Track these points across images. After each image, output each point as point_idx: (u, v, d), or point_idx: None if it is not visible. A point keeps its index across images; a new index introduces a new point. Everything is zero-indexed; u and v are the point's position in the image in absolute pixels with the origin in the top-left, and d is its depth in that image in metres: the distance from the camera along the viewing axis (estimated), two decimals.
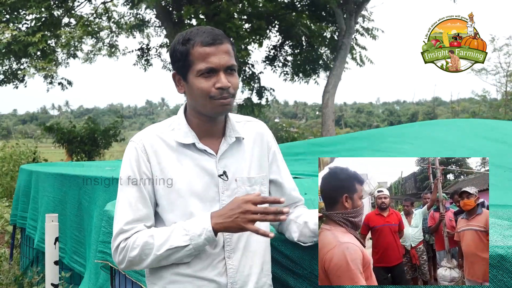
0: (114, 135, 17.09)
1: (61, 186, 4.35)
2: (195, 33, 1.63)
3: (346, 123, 79.33)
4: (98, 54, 17.58)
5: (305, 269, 1.82)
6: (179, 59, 1.64)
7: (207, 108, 1.63)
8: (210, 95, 1.60)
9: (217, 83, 1.60)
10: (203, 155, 1.68)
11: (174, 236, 1.58)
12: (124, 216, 1.63)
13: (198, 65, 1.60)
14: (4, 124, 69.71)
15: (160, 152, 1.66)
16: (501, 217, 2.13)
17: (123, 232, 1.62)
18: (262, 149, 1.80)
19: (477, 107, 19.77)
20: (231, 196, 1.68)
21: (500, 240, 1.59)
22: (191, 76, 1.62)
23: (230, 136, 1.72)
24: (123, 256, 1.62)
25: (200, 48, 1.60)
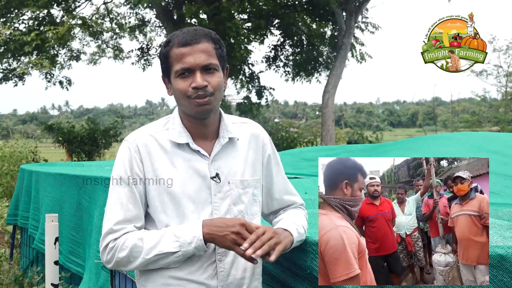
0: (114, 135, 17.09)
1: (60, 186, 4.35)
2: (176, 35, 1.64)
3: (346, 123, 79.36)
4: (103, 56, 17.62)
5: (305, 269, 1.82)
6: (163, 61, 1.66)
7: (188, 108, 1.63)
8: (187, 95, 1.60)
9: (193, 82, 1.60)
10: (196, 156, 1.67)
11: (164, 241, 1.57)
12: (114, 215, 1.62)
13: (175, 66, 1.61)
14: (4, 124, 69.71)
15: (154, 152, 1.65)
16: (501, 217, 2.13)
17: (112, 232, 1.61)
18: (257, 151, 1.78)
19: (477, 107, 19.78)
20: (224, 199, 1.67)
21: (500, 240, 1.59)
22: (172, 77, 1.63)
23: (223, 137, 1.71)
24: (111, 256, 1.61)
25: (177, 49, 1.61)
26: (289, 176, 4.38)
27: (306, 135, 19.68)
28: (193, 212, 1.64)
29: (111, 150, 18.03)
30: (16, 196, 5.74)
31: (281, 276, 1.90)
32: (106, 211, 1.66)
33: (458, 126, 18.69)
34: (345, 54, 14.73)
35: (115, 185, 1.65)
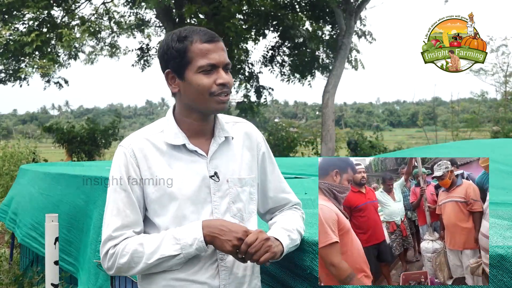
0: (113, 135, 17.09)
1: (57, 185, 4.35)
2: (191, 31, 1.63)
3: (346, 123, 79.38)
4: (100, 55, 17.61)
5: (305, 269, 1.82)
6: (176, 56, 1.62)
7: (206, 105, 1.62)
8: (210, 91, 1.60)
9: (218, 79, 1.60)
10: (193, 156, 1.66)
11: (165, 245, 1.57)
12: (112, 222, 1.61)
13: (199, 61, 1.59)
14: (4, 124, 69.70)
15: (150, 156, 1.64)
16: (501, 217, 2.13)
17: (111, 239, 1.60)
18: (251, 150, 1.78)
19: (477, 107, 19.78)
20: (223, 197, 1.67)
21: (500, 240, 1.59)
22: (190, 73, 1.61)
23: (220, 136, 1.71)
24: (112, 262, 1.61)
25: (200, 44, 1.60)
26: (289, 176, 4.39)
27: (306, 135, 19.67)
28: (193, 212, 1.63)
29: (111, 150, 18.03)
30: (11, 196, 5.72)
31: (281, 276, 1.90)
32: (104, 217, 1.65)
33: (458, 126, 18.69)
34: (345, 54, 14.73)
35: (112, 191, 1.64)
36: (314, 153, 17.59)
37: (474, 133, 18.00)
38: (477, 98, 19.76)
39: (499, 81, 18.75)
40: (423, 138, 22.97)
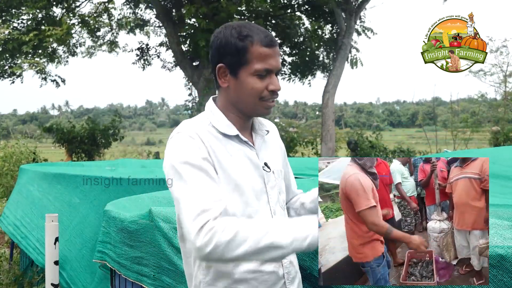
0: (113, 134, 17.09)
1: (56, 184, 4.35)
2: (252, 30, 1.60)
3: (346, 123, 79.38)
4: (99, 50, 17.61)
5: (305, 269, 1.82)
6: (234, 53, 1.59)
7: (253, 107, 1.64)
8: (261, 96, 1.61)
9: (271, 85, 1.61)
10: (246, 147, 1.68)
11: (277, 232, 1.43)
12: (199, 197, 1.47)
13: (257, 64, 1.59)
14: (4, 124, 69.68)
15: (212, 143, 1.61)
16: (501, 217, 2.13)
17: (207, 210, 1.44)
18: (279, 145, 1.87)
19: (476, 107, 19.78)
20: (273, 188, 1.70)
21: (500, 240, 1.59)
22: (245, 73, 1.60)
23: (260, 130, 1.75)
24: (209, 238, 1.40)
25: (261, 48, 1.59)
26: None
27: (306, 135, 19.66)
28: (253, 200, 1.64)
29: (111, 150, 18.02)
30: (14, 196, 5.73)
31: None
32: (185, 199, 1.48)
33: (458, 126, 18.69)
34: (345, 54, 14.73)
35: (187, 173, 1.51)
36: (314, 153, 17.59)
37: (474, 133, 17.99)
38: (477, 98, 19.76)
39: (498, 82, 18.75)
40: (423, 138, 22.97)
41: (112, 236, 2.69)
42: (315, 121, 45.76)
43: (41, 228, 3.83)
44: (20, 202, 5.36)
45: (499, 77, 18.76)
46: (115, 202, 2.93)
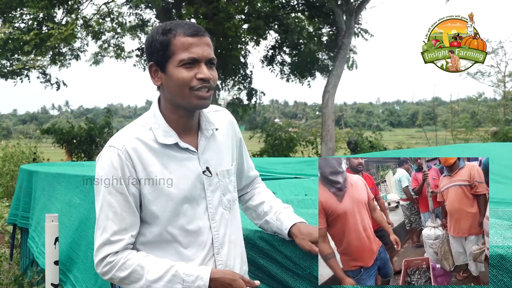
0: (109, 134, 17.10)
1: (57, 185, 4.35)
2: (176, 24, 1.61)
3: (346, 123, 79.33)
4: (105, 56, 17.62)
5: (305, 269, 1.82)
6: (158, 49, 1.59)
7: (186, 100, 1.60)
8: (190, 86, 1.57)
9: (199, 73, 1.57)
10: (185, 154, 1.65)
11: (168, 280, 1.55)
12: (109, 226, 1.57)
13: (180, 55, 1.57)
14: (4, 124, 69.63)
15: (144, 156, 1.61)
16: (501, 217, 2.13)
17: (110, 244, 1.57)
18: (232, 138, 1.82)
19: (476, 107, 19.78)
20: (215, 191, 1.69)
21: (500, 240, 1.59)
22: (171, 66, 1.58)
23: (207, 129, 1.71)
24: (108, 270, 1.58)
25: (183, 38, 1.57)
26: (289, 176, 4.39)
27: (306, 135, 19.64)
28: (188, 209, 1.64)
29: None
30: (17, 196, 5.74)
31: (281, 276, 1.90)
32: (98, 220, 1.61)
33: (458, 126, 18.68)
34: (345, 54, 14.72)
35: (106, 194, 1.59)
36: (314, 153, 17.58)
37: (473, 134, 17.99)
38: (477, 98, 19.75)
39: (496, 83, 18.75)
40: (423, 138, 22.96)
41: None
42: (315, 121, 45.75)
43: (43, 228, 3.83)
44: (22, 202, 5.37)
45: (497, 78, 18.76)
46: None
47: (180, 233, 1.63)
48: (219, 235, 1.68)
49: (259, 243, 1.96)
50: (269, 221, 1.87)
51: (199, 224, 1.65)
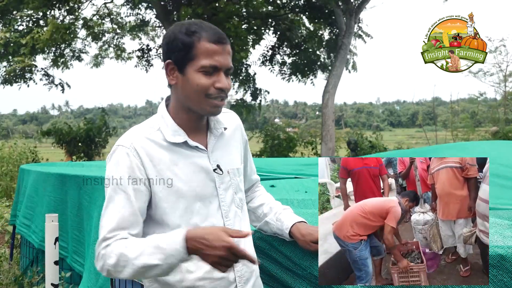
0: (107, 134, 17.10)
1: (62, 186, 4.35)
2: (201, 27, 1.58)
3: (346, 123, 79.32)
4: (106, 57, 17.61)
5: (305, 269, 1.82)
6: (181, 49, 1.57)
7: (200, 105, 1.59)
8: (207, 93, 1.57)
9: (217, 82, 1.56)
10: (195, 152, 1.65)
11: (147, 252, 1.50)
12: (108, 223, 1.57)
13: (203, 60, 1.55)
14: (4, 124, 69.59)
15: (154, 154, 1.60)
16: (501, 217, 2.13)
17: (105, 240, 1.56)
18: (239, 140, 1.82)
19: (476, 106, 19.78)
20: (227, 189, 1.69)
21: (500, 240, 1.59)
22: (191, 69, 1.57)
23: (216, 129, 1.71)
24: (102, 263, 1.55)
25: (207, 43, 1.55)
26: (289, 176, 4.39)
27: (305, 135, 19.65)
28: (201, 208, 1.63)
29: (108, 149, 18.01)
30: (17, 197, 5.74)
31: (281, 276, 1.90)
32: (101, 218, 1.60)
33: (458, 126, 18.68)
34: (345, 54, 14.72)
35: (112, 192, 1.58)
36: (314, 153, 17.59)
37: (473, 134, 17.98)
38: (477, 98, 19.74)
39: (498, 82, 18.74)
40: (423, 138, 22.97)
41: None
42: (315, 121, 45.75)
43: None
44: (23, 202, 5.37)
45: (499, 77, 18.76)
46: None
47: None
48: None
49: (259, 243, 1.96)
50: (269, 222, 1.87)
51: (213, 222, 1.64)
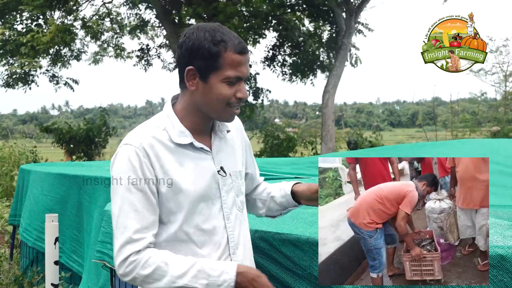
0: (107, 134, 17.10)
1: (61, 186, 4.35)
2: (225, 35, 1.58)
3: (346, 123, 79.30)
4: (105, 56, 17.61)
5: (304, 269, 1.82)
6: (206, 57, 1.56)
7: (219, 113, 1.62)
8: (228, 102, 1.59)
9: (239, 92, 1.59)
10: (200, 153, 1.66)
11: (193, 274, 1.51)
12: (131, 224, 1.55)
13: (228, 71, 1.56)
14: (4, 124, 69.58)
15: (161, 154, 1.61)
16: (501, 217, 2.13)
17: (132, 242, 1.54)
18: (241, 143, 1.84)
19: (476, 106, 19.77)
20: (229, 192, 1.70)
21: (500, 240, 1.59)
22: (215, 79, 1.57)
23: (220, 131, 1.73)
24: (131, 269, 1.54)
25: (233, 54, 1.56)
26: (289, 176, 4.38)
27: (305, 135, 19.64)
28: (203, 208, 1.64)
29: (110, 150, 17.99)
30: (17, 197, 5.74)
31: (281, 276, 1.90)
32: (118, 219, 1.58)
33: (458, 126, 18.68)
34: (345, 54, 14.72)
35: (126, 192, 1.57)
36: (314, 153, 17.59)
37: (473, 134, 17.98)
38: (477, 98, 19.73)
39: (498, 81, 18.74)
40: (423, 138, 22.96)
41: (112, 236, 2.69)
42: (315, 121, 45.75)
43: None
44: (23, 203, 5.37)
45: (499, 77, 18.75)
46: None
47: (195, 232, 1.62)
48: (235, 235, 1.69)
49: (259, 243, 1.96)
50: (273, 195, 1.89)
51: (214, 223, 1.65)
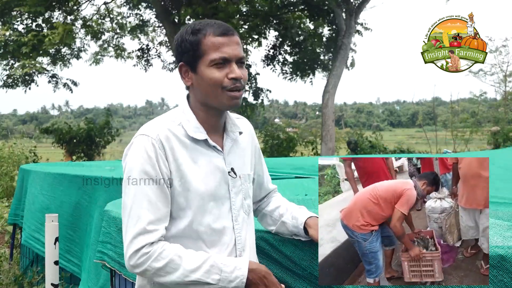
0: (109, 134, 17.09)
1: (59, 185, 4.35)
2: (206, 24, 1.61)
3: (346, 123, 79.27)
4: (105, 56, 17.61)
5: (305, 269, 1.82)
6: (189, 49, 1.59)
7: (218, 100, 1.60)
8: (222, 85, 1.58)
9: (230, 73, 1.58)
10: (212, 152, 1.66)
11: (206, 269, 1.52)
12: (144, 215, 1.52)
13: (211, 54, 1.57)
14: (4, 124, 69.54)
15: (176, 148, 1.60)
16: (501, 217, 2.13)
17: (145, 233, 1.51)
18: (252, 146, 1.83)
19: (476, 106, 19.76)
20: (237, 193, 1.69)
21: (500, 240, 1.59)
22: (202, 66, 1.59)
23: (233, 131, 1.72)
24: (143, 261, 1.51)
25: (213, 37, 1.58)
26: (289, 176, 4.38)
27: (305, 135, 19.63)
28: (213, 207, 1.64)
29: (110, 150, 17.98)
30: (17, 196, 5.74)
31: (281, 276, 1.90)
32: (131, 210, 1.55)
33: (458, 126, 18.67)
34: (345, 54, 14.72)
35: (141, 183, 1.56)
36: (314, 153, 17.58)
37: (473, 134, 17.97)
38: (477, 98, 19.73)
39: (498, 82, 18.74)
40: (423, 138, 22.95)
41: (112, 236, 2.69)
42: (315, 121, 45.74)
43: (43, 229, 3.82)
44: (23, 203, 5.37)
45: (499, 77, 18.75)
46: (115, 202, 2.92)
47: (206, 231, 1.62)
48: (242, 237, 1.69)
49: (259, 243, 1.96)
50: (285, 221, 1.86)
51: (224, 223, 1.65)
